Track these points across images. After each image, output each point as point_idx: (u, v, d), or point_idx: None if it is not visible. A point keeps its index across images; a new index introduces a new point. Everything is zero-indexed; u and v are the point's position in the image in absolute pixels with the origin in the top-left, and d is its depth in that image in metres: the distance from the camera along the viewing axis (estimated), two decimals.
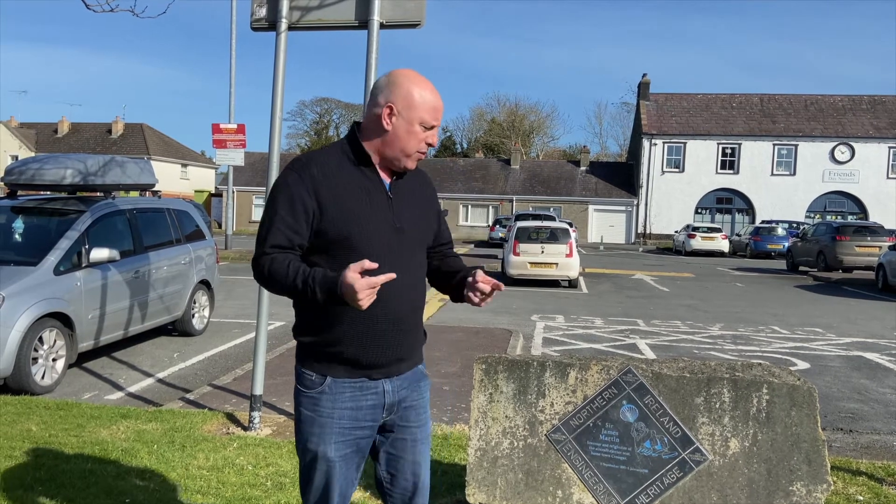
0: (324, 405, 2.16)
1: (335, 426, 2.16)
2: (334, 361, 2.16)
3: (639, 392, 3.14)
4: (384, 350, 2.17)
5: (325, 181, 2.10)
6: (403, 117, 2.13)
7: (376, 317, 2.12)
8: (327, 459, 2.17)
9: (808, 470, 2.97)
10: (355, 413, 2.17)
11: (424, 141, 2.17)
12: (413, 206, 2.25)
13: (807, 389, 3.00)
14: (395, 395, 2.23)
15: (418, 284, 2.26)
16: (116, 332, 7.39)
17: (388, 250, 2.12)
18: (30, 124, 58.33)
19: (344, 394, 2.16)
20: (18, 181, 7.44)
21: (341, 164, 2.15)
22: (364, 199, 2.13)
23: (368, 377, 2.17)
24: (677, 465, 3.06)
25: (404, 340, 2.21)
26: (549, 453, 3.25)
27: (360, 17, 5.06)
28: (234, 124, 21.15)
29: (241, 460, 4.27)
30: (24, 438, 4.54)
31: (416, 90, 2.13)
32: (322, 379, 2.16)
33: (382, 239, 2.13)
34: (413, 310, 2.23)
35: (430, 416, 2.39)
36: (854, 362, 8.55)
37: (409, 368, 2.27)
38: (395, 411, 2.25)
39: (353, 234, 2.09)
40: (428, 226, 2.32)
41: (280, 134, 5.26)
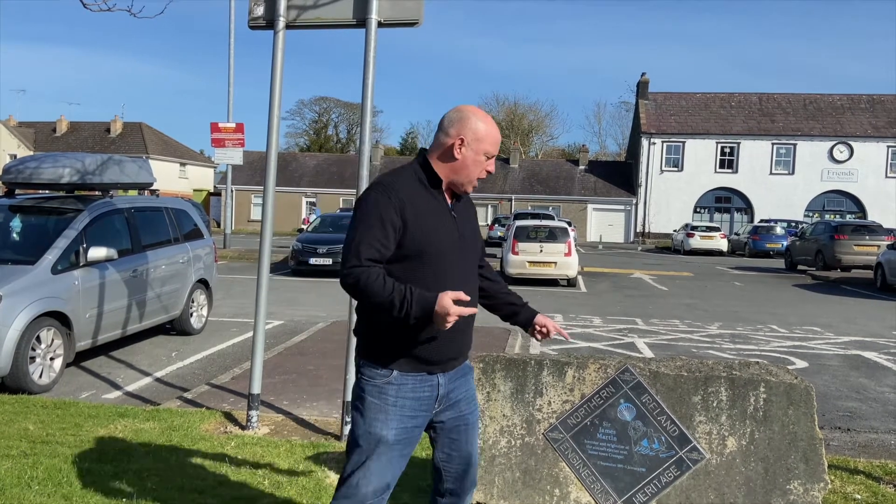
0: (389, 394, 2.43)
1: (397, 413, 2.43)
2: (401, 357, 2.43)
3: (636, 391, 3.14)
4: (447, 350, 2.48)
5: (409, 202, 2.40)
6: (472, 148, 2.47)
7: None
8: (387, 443, 2.42)
9: (805, 468, 2.97)
10: (415, 403, 2.46)
11: (485, 168, 2.53)
12: (467, 224, 2.61)
13: (804, 388, 3.00)
14: (446, 387, 2.53)
15: (476, 286, 2.63)
16: (114, 332, 7.38)
17: (456, 263, 2.48)
18: (28, 123, 58.28)
19: (406, 385, 2.44)
20: (16, 180, 7.42)
21: (418, 187, 2.47)
22: (437, 218, 2.47)
23: (428, 372, 2.46)
24: (675, 464, 3.06)
25: (463, 341, 2.55)
26: (546, 452, 3.25)
27: (357, 16, 5.05)
28: (232, 123, 21.14)
29: (238, 459, 4.26)
30: (21, 437, 4.53)
31: (482, 125, 2.49)
32: (389, 372, 2.44)
33: (452, 253, 2.47)
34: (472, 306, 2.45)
35: (478, 402, 2.75)
36: (852, 361, 8.56)
37: (461, 364, 2.60)
38: (446, 402, 2.54)
39: (429, 250, 2.41)
40: (478, 241, 2.69)
41: (278, 133, 5.26)
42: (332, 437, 4.89)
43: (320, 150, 63.45)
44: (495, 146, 2.52)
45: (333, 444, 4.70)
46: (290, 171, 48.67)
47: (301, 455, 4.40)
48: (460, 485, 2.64)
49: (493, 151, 2.52)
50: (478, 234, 2.71)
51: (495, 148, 2.52)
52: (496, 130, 2.53)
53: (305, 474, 4.06)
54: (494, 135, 2.51)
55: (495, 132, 2.52)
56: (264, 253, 5.11)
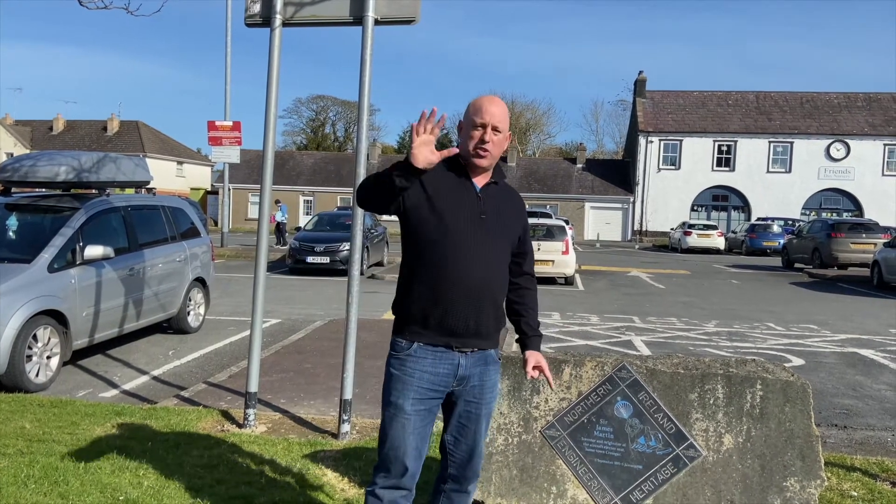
0: (409, 366, 2.58)
1: (415, 384, 2.56)
2: (422, 326, 2.57)
3: (633, 388, 3.14)
4: (461, 316, 2.55)
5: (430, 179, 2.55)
6: (466, 122, 2.64)
7: (456, 284, 2.53)
8: (404, 412, 2.57)
9: (801, 465, 2.97)
10: (433, 377, 2.57)
11: (479, 138, 2.58)
12: (500, 208, 2.67)
13: (800, 385, 3.00)
14: (467, 369, 2.61)
15: (496, 269, 2.64)
16: (111, 330, 7.37)
17: (471, 228, 2.56)
18: (25, 122, 58.11)
19: (426, 359, 2.57)
20: (12, 178, 7.40)
21: (441, 169, 2.60)
22: (457, 195, 2.59)
23: (447, 346, 2.57)
24: (671, 461, 3.06)
25: (479, 314, 2.58)
26: (543, 449, 3.25)
27: (354, 13, 5.04)
28: (229, 122, 21.11)
29: (235, 458, 4.26)
30: (17, 436, 4.52)
31: (472, 101, 2.64)
32: (410, 344, 2.59)
33: (467, 219, 2.56)
34: (486, 286, 2.58)
35: (496, 396, 2.78)
36: (849, 359, 8.57)
37: (483, 347, 2.64)
38: (465, 385, 2.62)
39: (447, 218, 2.55)
40: (511, 227, 2.70)
41: (275, 131, 5.25)
42: (330, 436, 4.89)
43: (318, 149, 63.40)
44: (481, 113, 2.58)
45: (331, 443, 4.70)
46: (287, 169, 48.64)
47: (298, 453, 4.39)
48: (463, 472, 2.71)
49: (480, 120, 2.58)
50: (514, 221, 2.74)
51: (482, 116, 2.58)
52: (486, 100, 2.62)
53: (303, 473, 4.06)
54: (479, 104, 2.61)
55: (482, 101, 2.61)
56: (261, 251, 5.10)
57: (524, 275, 2.82)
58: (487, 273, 2.59)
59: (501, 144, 2.65)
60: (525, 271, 2.82)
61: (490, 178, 2.70)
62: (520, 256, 2.80)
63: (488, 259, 2.60)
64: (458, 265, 2.54)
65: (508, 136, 2.69)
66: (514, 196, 2.82)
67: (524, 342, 2.79)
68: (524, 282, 2.82)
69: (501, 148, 2.66)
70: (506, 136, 2.66)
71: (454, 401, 2.66)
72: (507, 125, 2.66)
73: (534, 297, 2.84)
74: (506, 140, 2.68)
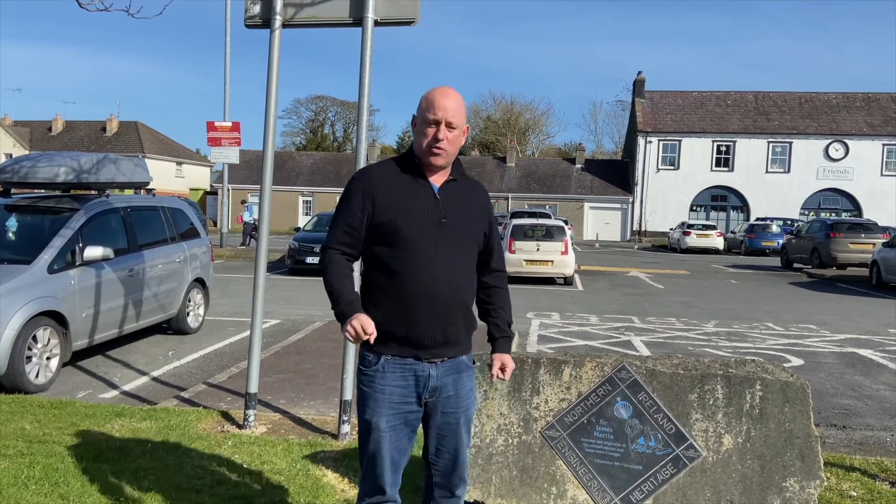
0: (378, 382, 2.51)
1: (386, 401, 2.50)
2: (387, 340, 2.48)
3: (633, 389, 3.14)
4: (427, 329, 2.46)
5: (381, 186, 2.49)
6: (417, 121, 2.52)
7: (418, 296, 2.45)
8: (379, 429, 2.51)
9: (801, 466, 2.98)
10: (403, 391, 2.50)
11: (432, 136, 2.46)
12: (461, 206, 2.55)
13: (800, 386, 3.01)
14: (438, 380, 2.53)
15: (461, 274, 2.53)
16: (111, 331, 7.37)
17: (431, 238, 2.46)
18: (24, 122, 58.06)
19: (395, 373, 2.49)
20: (12, 179, 7.39)
21: (395, 172, 2.54)
22: (412, 200, 2.48)
23: (415, 357, 2.49)
24: (671, 462, 3.07)
25: (447, 323, 2.49)
26: (543, 450, 3.25)
27: (354, 14, 5.05)
28: (229, 122, 21.11)
29: (235, 458, 4.26)
30: (17, 437, 4.53)
31: (425, 95, 2.51)
32: (377, 358, 2.51)
33: (425, 226, 2.46)
34: (453, 294, 2.48)
35: (474, 401, 2.70)
36: (848, 359, 8.58)
37: (453, 354, 2.55)
38: (439, 395, 2.55)
39: (402, 227, 2.45)
40: (475, 227, 2.59)
41: (274, 132, 5.25)
42: (330, 436, 4.89)
43: (317, 149, 63.37)
44: (433, 109, 2.45)
45: (331, 443, 4.71)
46: (286, 169, 48.62)
47: (298, 454, 4.40)
48: (448, 480, 2.66)
49: (433, 116, 2.45)
50: (477, 218, 2.61)
51: (435, 112, 2.45)
52: (438, 94, 2.48)
53: (303, 473, 4.06)
54: (431, 98, 2.47)
55: (434, 96, 2.47)
56: (261, 252, 5.11)
57: (493, 272, 2.71)
58: (452, 281, 2.48)
59: (458, 140, 2.52)
60: (494, 268, 2.71)
61: (449, 176, 2.57)
62: (487, 254, 2.69)
63: (452, 265, 2.49)
64: (420, 276, 2.43)
65: (466, 129, 2.56)
66: (476, 191, 2.68)
67: (493, 344, 2.70)
68: (493, 280, 2.71)
69: (458, 144, 2.53)
70: (462, 131, 2.53)
71: (430, 412, 2.58)
72: (462, 118, 2.51)
73: (504, 295, 2.74)
74: (462, 135, 2.54)
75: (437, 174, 2.54)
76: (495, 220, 2.74)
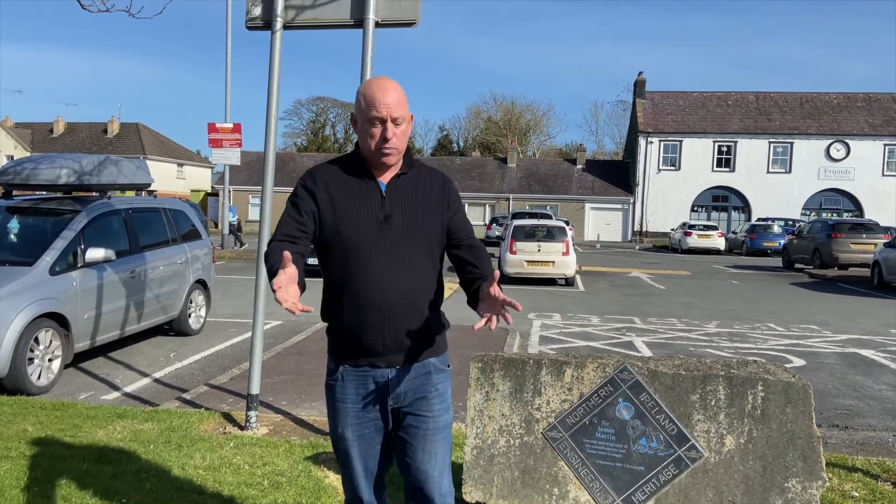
0: (338, 391, 2.43)
1: (349, 410, 2.41)
2: (342, 349, 2.42)
3: (635, 390, 3.14)
4: (378, 336, 2.35)
5: (326, 186, 2.37)
6: (359, 119, 2.35)
7: (363, 303, 2.33)
8: (346, 439, 2.44)
9: (803, 466, 2.98)
10: (365, 398, 2.40)
11: (379, 136, 2.30)
12: (412, 201, 2.39)
13: (802, 386, 3.01)
14: (401, 384, 2.41)
15: (411, 277, 2.36)
16: (113, 333, 7.38)
17: (373, 240, 2.32)
18: (25, 124, 58.12)
19: (354, 381, 2.41)
20: (13, 181, 7.41)
21: (341, 172, 2.40)
22: (354, 199, 2.35)
23: (371, 365, 2.39)
24: (673, 463, 3.07)
25: (399, 328, 2.35)
26: (545, 451, 3.25)
27: (355, 16, 5.06)
28: (230, 123, 21.13)
29: (237, 460, 4.26)
30: (19, 439, 4.53)
31: (362, 91, 2.33)
32: (336, 367, 2.44)
33: (367, 228, 2.32)
34: (402, 297, 2.34)
35: (448, 408, 2.50)
36: (850, 359, 8.57)
37: (414, 359, 2.41)
38: (404, 400, 2.42)
39: (344, 230, 2.33)
40: (429, 221, 2.40)
41: (276, 133, 5.26)
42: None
43: (318, 150, 63.40)
44: (375, 107, 2.26)
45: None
46: (287, 171, 48.62)
47: (300, 455, 4.40)
48: (421, 497, 2.47)
49: (376, 114, 2.27)
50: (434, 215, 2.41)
51: (378, 109, 2.26)
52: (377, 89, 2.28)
53: (304, 474, 4.07)
54: (371, 95, 2.28)
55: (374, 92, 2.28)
56: (262, 253, 5.11)
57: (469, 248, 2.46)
58: (400, 285, 2.33)
59: (406, 134, 2.36)
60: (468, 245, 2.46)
61: (398, 170, 2.41)
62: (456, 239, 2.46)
63: (399, 267, 2.33)
64: (364, 283, 2.31)
65: (410, 118, 2.38)
66: (431, 181, 2.46)
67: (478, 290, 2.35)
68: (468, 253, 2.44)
69: (406, 137, 2.38)
70: (408, 122, 2.36)
71: (400, 418, 2.44)
72: (406, 109, 2.33)
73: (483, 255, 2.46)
74: (409, 126, 2.38)
75: (387, 171, 2.40)
76: (461, 203, 2.53)
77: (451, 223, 2.46)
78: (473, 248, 2.47)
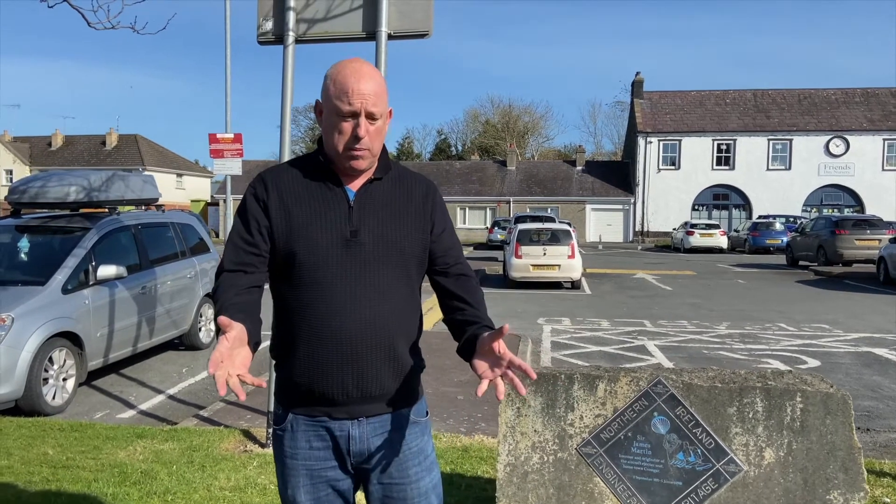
0: (287, 444, 1.94)
1: (300, 467, 1.93)
2: (293, 394, 1.93)
3: (670, 403, 3.11)
4: (338, 381, 1.87)
5: (280, 195, 1.91)
6: (325, 111, 1.90)
7: (320, 339, 1.86)
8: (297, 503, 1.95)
9: (844, 478, 2.94)
10: (320, 452, 1.92)
11: (350, 133, 1.85)
12: (385, 213, 1.93)
13: (840, 397, 2.98)
14: (364, 441, 1.93)
15: (382, 303, 1.89)
16: (125, 349, 7.34)
17: (336, 261, 1.87)
18: (23, 138, 58.17)
19: (307, 431, 1.92)
20: (22, 199, 7.39)
21: (299, 176, 1.95)
22: (315, 210, 1.89)
23: (328, 415, 1.90)
24: (712, 477, 3.03)
25: (362, 371, 1.87)
26: (580, 467, 3.22)
27: (367, 29, 5.03)
28: (231, 134, 21.07)
29: (262, 479, 4.22)
30: (41, 463, 4.49)
31: (331, 75, 1.87)
32: (285, 415, 1.95)
33: (330, 246, 1.87)
34: (367, 330, 1.86)
35: (430, 466, 2.03)
36: (864, 358, 8.54)
37: (381, 410, 1.94)
38: (370, 461, 1.94)
39: (299, 249, 1.87)
40: (406, 236, 1.94)
41: (289, 144, 5.24)
42: None
43: None
44: (347, 96, 1.82)
45: None
46: None
47: None
48: None
49: (347, 107, 1.82)
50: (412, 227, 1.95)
51: (351, 99, 1.82)
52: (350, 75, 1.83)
53: None
54: (343, 82, 1.82)
55: (346, 78, 1.83)
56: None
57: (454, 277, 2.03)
58: (367, 314, 1.86)
59: (382, 133, 1.91)
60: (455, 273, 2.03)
61: (371, 175, 1.95)
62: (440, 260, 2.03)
63: (368, 294, 1.87)
64: (322, 314, 1.85)
65: (389, 114, 1.96)
66: (410, 186, 2.00)
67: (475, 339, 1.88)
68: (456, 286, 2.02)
69: (382, 137, 1.92)
70: (386, 119, 1.92)
71: (365, 481, 1.98)
72: (384, 104, 1.89)
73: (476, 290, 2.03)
74: (386, 123, 1.94)
75: (358, 177, 1.94)
76: (447, 218, 2.08)
77: (435, 244, 2.01)
78: (463, 279, 2.03)
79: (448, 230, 2.06)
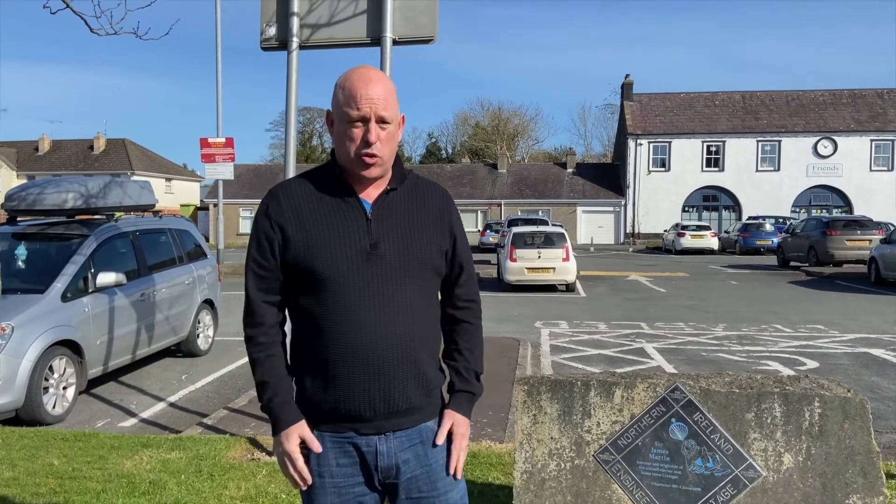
0: (313, 461, 1.90)
1: (329, 485, 1.91)
2: (318, 413, 1.91)
3: (687, 409, 3.11)
4: (361, 397, 1.85)
5: (292, 210, 1.89)
6: (336, 119, 1.89)
7: (346, 357, 1.84)
8: None
9: (863, 483, 2.95)
10: (348, 469, 1.91)
11: (360, 139, 1.83)
12: (405, 224, 1.92)
13: (859, 401, 2.99)
14: (392, 457, 1.91)
15: (407, 317, 1.88)
16: (125, 357, 7.29)
17: (358, 276, 1.85)
18: (10, 143, 57.63)
19: (334, 449, 1.90)
20: (19, 207, 7.32)
21: (313, 189, 1.93)
22: (331, 224, 1.87)
23: (356, 432, 1.89)
24: (731, 483, 3.03)
25: (390, 387, 1.86)
26: (597, 474, 3.21)
27: (372, 34, 5.03)
28: (222, 138, 20.99)
29: (272, 488, 4.19)
30: (47, 474, 4.44)
31: (340, 83, 1.87)
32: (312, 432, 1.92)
33: (351, 264, 1.85)
34: (393, 347, 1.85)
35: (456, 482, 2.01)
36: (861, 359, 8.59)
37: (408, 424, 1.92)
38: (396, 476, 1.93)
39: (319, 265, 1.84)
40: (426, 246, 1.93)
41: (295, 150, 5.23)
42: None
43: (307, 161, 63.23)
44: (356, 102, 1.81)
45: None
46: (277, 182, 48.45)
47: None
48: None
49: (357, 112, 1.81)
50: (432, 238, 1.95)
51: (360, 104, 1.81)
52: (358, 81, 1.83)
53: None
54: (352, 88, 1.82)
55: (354, 84, 1.83)
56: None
57: (460, 302, 2.06)
58: (393, 329, 1.85)
59: (394, 139, 1.89)
60: (461, 298, 2.06)
61: (387, 185, 1.94)
62: (452, 277, 2.04)
63: (392, 308, 1.86)
64: (347, 331, 1.83)
65: (402, 120, 1.95)
66: (428, 196, 2.00)
67: (449, 395, 2.03)
68: (461, 313, 2.06)
69: (395, 143, 1.90)
70: (398, 125, 1.91)
71: (393, 497, 1.97)
72: (396, 108, 1.88)
73: (475, 333, 2.07)
74: (399, 129, 1.93)
75: (371, 186, 1.92)
76: (462, 231, 2.08)
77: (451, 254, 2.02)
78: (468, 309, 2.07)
79: (462, 240, 2.08)
